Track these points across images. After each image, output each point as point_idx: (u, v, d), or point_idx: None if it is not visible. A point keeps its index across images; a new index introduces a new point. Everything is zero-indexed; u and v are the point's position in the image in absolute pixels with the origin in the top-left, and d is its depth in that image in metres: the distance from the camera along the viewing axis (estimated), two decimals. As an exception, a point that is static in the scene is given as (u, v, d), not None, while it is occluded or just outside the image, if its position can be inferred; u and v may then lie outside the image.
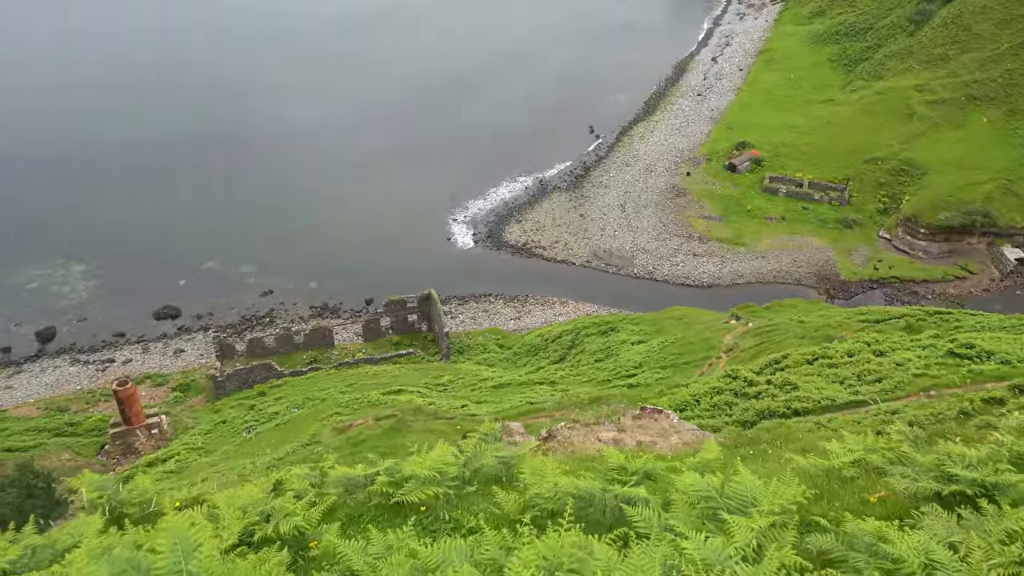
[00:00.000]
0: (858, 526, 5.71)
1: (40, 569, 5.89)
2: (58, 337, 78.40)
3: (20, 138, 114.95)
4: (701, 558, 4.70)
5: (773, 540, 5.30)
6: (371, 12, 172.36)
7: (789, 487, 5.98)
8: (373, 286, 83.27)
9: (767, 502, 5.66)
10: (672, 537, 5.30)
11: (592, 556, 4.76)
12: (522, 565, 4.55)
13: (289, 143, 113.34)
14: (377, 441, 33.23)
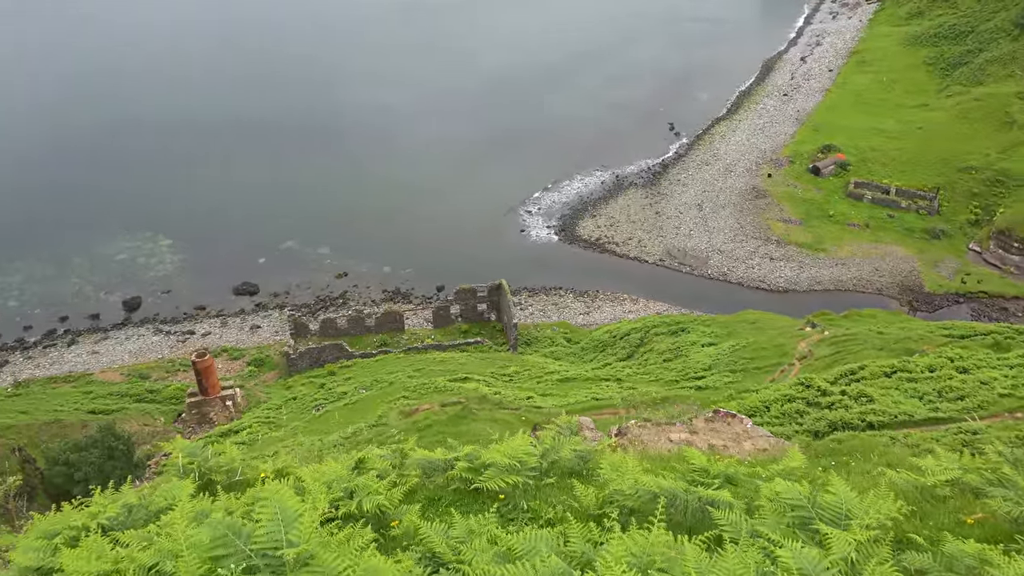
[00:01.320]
0: (958, 547, 5.47)
1: (136, 528, 6.12)
2: (143, 307, 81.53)
3: (124, 116, 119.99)
4: (797, 567, 4.57)
5: (868, 555, 5.12)
6: (445, 2, 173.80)
7: (885, 501, 5.77)
8: (445, 273, 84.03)
9: (863, 516, 5.48)
10: (763, 543, 5.18)
11: (683, 556, 4.68)
12: (613, 560, 4.50)
13: (370, 130, 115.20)
14: (442, 427, 33.56)
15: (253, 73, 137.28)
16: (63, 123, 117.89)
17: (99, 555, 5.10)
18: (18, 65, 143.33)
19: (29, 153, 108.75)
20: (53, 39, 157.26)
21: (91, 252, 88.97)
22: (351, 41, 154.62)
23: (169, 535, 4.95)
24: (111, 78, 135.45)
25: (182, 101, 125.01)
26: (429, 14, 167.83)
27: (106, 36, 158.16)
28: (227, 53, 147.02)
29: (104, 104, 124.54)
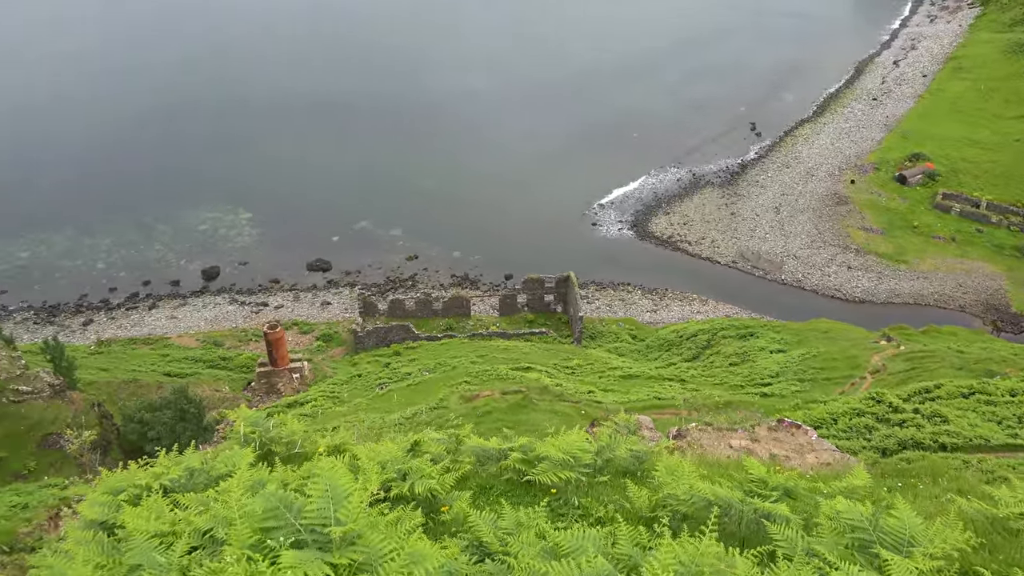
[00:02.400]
0: (1029, 585, 5.19)
1: (196, 491, 6.30)
2: (221, 276, 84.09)
3: (217, 94, 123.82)
4: (852, 592, 4.40)
5: (930, 585, 4.90)
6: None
7: (952, 530, 5.52)
8: (514, 262, 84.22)
9: (928, 544, 5.24)
10: (818, 564, 5.01)
11: (733, 569, 4.56)
12: (660, 567, 4.41)
13: (450, 116, 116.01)
14: (502, 414, 33.69)
15: (340, 57, 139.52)
16: (161, 99, 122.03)
17: (158, 515, 5.27)
18: (127, 45, 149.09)
19: (127, 125, 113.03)
20: (165, 22, 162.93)
21: (175, 221, 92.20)
22: (436, 25, 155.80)
23: (225, 502, 5.07)
24: (209, 60, 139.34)
25: (271, 82, 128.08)
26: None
27: (207, 21, 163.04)
28: (315, 37, 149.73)
29: (200, 84, 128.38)
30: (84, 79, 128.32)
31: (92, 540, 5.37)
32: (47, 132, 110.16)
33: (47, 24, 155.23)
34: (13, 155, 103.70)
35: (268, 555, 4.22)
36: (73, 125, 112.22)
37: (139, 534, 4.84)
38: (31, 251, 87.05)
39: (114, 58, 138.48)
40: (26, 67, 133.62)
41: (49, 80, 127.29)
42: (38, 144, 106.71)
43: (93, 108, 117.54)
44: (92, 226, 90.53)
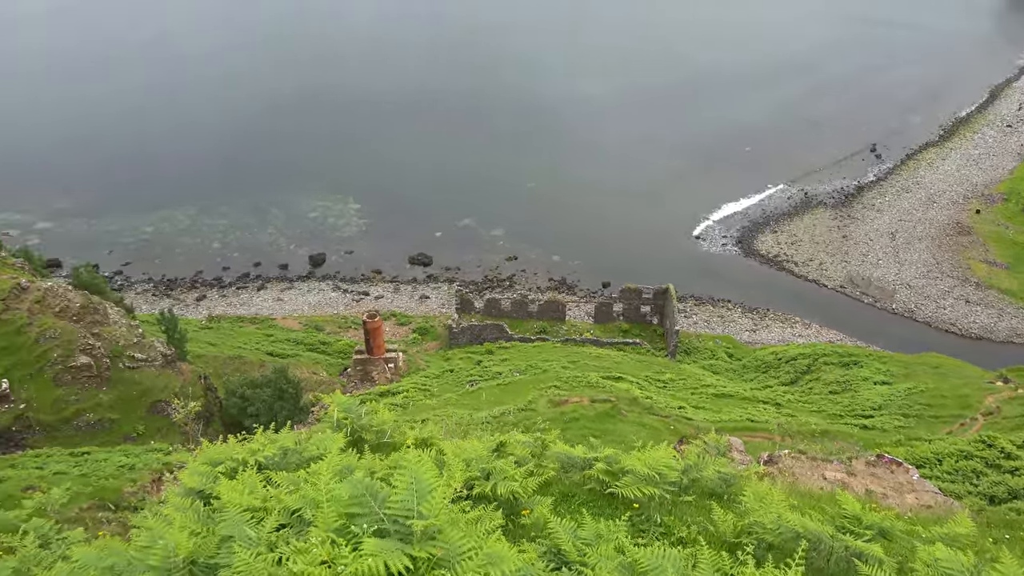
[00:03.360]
0: None
1: (288, 470, 6.52)
2: (327, 263, 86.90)
3: (333, 87, 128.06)
4: (946, 646, 4.16)
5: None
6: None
7: (1063, 593, 5.14)
8: (612, 270, 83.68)
9: (1034, 604, 4.91)
10: (911, 611, 4.75)
11: (818, 608, 4.38)
12: (740, 596, 4.29)
13: (559, 118, 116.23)
14: (589, 422, 33.46)
15: (458, 59, 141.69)
16: (284, 94, 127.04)
17: (251, 490, 5.48)
18: (257, 45, 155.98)
19: (252, 117, 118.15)
20: (292, 23, 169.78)
21: (288, 207, 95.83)
22: (552, 28, 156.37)
23: (314, 484, 5.23)
24: (331, 59, 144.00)
25: (390, 81, 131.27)
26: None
27: (329, 22, 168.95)
28: (436, 40, 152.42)
29: (321, 80, 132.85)
30: (216, 76, 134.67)
31: (189, 508, 5.64)
32: (181, 121, 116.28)
33: (183, 24, 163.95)
34: (148, 139, 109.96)
35: (351, 540, 4.33)
36: (203, 116, 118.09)
37: (233, 507, 5.05)
38: (155, 227, 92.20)
39: (243, 57, 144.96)
40: (168, 63, 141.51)
41: (187, 76, 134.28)
42: (171, 131, 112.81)
43: (222, 101, 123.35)
44: (212, 207, 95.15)
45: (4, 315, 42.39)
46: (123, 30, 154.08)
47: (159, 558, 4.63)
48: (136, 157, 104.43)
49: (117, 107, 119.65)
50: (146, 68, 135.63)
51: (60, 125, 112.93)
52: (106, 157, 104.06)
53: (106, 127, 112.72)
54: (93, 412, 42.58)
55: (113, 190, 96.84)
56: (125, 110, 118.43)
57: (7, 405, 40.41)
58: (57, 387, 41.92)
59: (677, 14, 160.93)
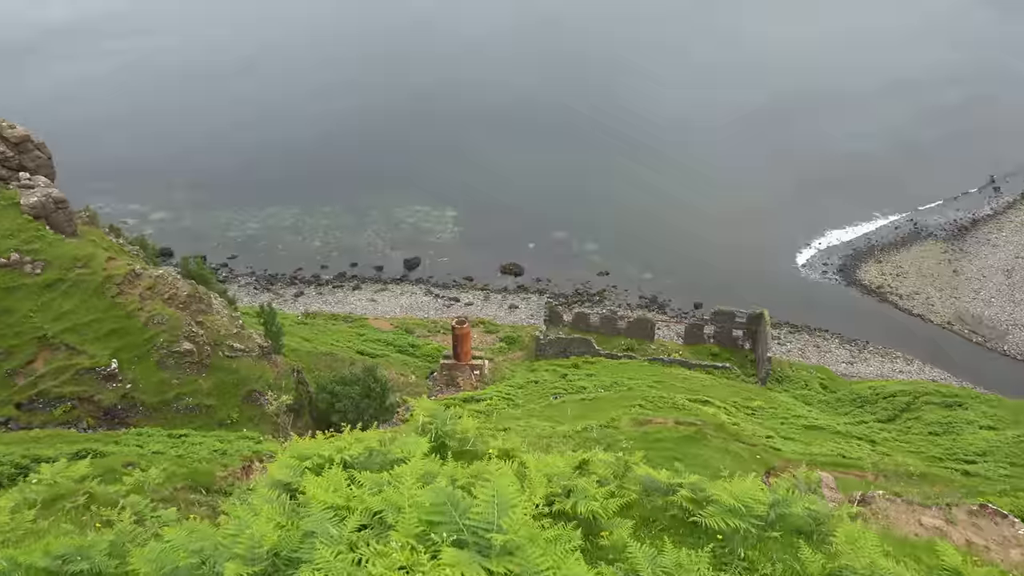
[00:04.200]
0: None
1: (372, 471, 6.61)
2: (420, 267, 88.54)
3: (439, 97, 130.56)
4: None
5: None
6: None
7: None
8: (705, 291, 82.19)
9: None
10: None
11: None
12: (828, 645, 4.08)
13: (661, 135, 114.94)
14: (672, 444, 32.84)
15: (561, 71, 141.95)
16: (390, 100, 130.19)
17: (336, 488, 5.58)
18: (365, 51, 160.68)
19: (359, 121, 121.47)
20: (399, 32, 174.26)
21: (387, 211, 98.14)
22: (658, 40, 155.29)
23: (397, 488, 5.28)
24: (435, 66, 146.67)
25: (493, 90, 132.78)
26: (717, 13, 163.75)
27: (435, 33, 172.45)
28: (539, 51, 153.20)
29: (426, 88, 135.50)
30: (328, 83, 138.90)
31: (276, 500, 5.79)
32: (292, 124, 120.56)
33: (303, 34, 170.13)
34: (261, 141, 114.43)
35: (430, 548, 4.35)
36: (314, 121, 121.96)
37: (317, 503, 5.15)
38: (262, 223, 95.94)
39: (354, 65, 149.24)
40: (285, 71, 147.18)
41: (302, 82, 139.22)
42: (283, 133, 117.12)
43: (332, 107, 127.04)
44: (315, 207, 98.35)
45: (118, 299, 44.78)
46: (245, 40, 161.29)
47: (245, 547, 4.75)
48: (248, 157, 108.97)
49: (234, 110, 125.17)
50: (264, 75, 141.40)
51: (182, 125, 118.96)
52: (221, 155, 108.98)
53: (223, 128, 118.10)
54: (192, 397, 44.46)
55: (225, 186, 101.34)
56: (241, 114, 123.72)
57: (115, 384, 42.63)
58: (161, 370, 43.96)
59: (789, 30, 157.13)
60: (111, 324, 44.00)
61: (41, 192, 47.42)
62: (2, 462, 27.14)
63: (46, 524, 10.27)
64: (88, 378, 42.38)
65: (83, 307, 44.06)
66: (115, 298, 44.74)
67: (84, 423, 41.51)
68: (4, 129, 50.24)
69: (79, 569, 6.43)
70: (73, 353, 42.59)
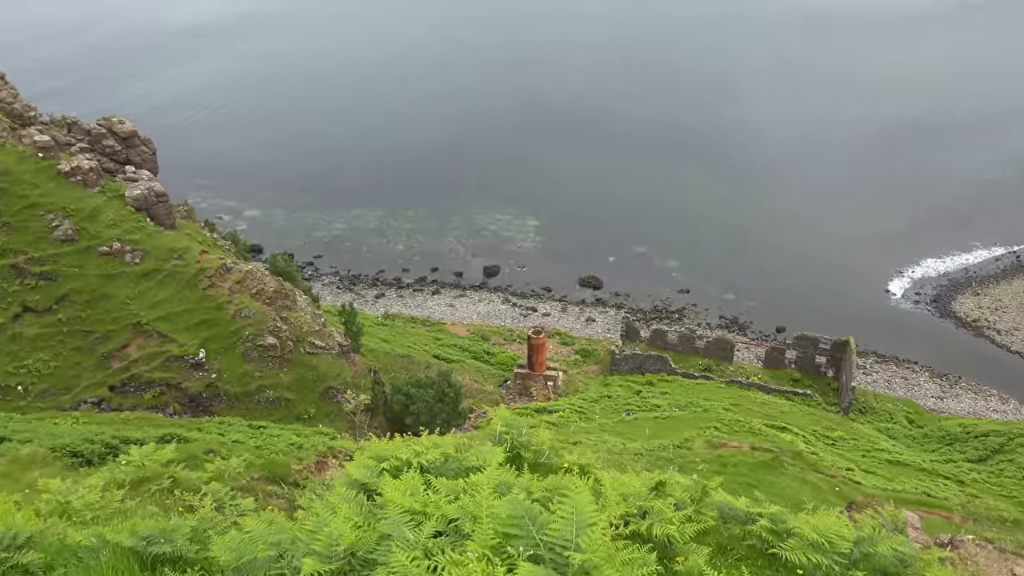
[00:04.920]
0: None
1: (447, 477, 6.63)
2: (500, 275, 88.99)
3: (527, 108, 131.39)
4: None
5: None
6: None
7: None
8: (789, 315, 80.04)
9: None
10: None
11: None
12: None
13: (751, 153, 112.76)
14: (747, 470, 32.08)
15: (655, 85, 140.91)
16: (480, 108, 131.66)
17: (413, 492, 5.60)
18: (459, 61, 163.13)
19: (448, 128, 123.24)
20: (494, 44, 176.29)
21: (470, 218, 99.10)
22: (745, 54, 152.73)
23: (473, 497, 5.27)
24: (528, 77, 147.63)
25: (582, 103, 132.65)
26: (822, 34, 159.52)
27: (530, 43, 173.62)
28: (634, 65, 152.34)
29: (514, 98, 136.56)
30: (423, 92, 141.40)
31: (353, 499, 5.85)
32: (384, 130, 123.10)
33: (409, 45, 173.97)
34: (352, 145, 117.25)
35: (506, 561, 4.31)
36: (405, 127, 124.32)
37: (394, 506, 5.18)
38: (348, 224, 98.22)
39: (449, 74, 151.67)
40: (385, 80, 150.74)
41: (398, 90, 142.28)
42: (374, 138, 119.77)
43: (425, 114, 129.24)
44: (400, 211, 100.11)
45: (209, 291, 46.46)
46: (351, 49, 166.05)
47: (323, 544, 4.82)
48: (339, 159, 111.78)
49: (328, 116, 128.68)
50: (363, 83, 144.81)
51: (277, 127, 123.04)
52: (313, 157, 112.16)
53: (316, 132, 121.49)
54: (273, 390, 45.74)
55: (315, 187, 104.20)
56: (334, 119, 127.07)
57: (201, 373, 44.21)
58: (245, 362, 45.37)
59: (904, 54, 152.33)
60: (201, 315, 45.68)
61: (144, 185, 49.64)
62: (94, 441, 28.44)
63: (132, 504, 10.67)
64: (177, 366, 44.08)
65: (176, 297, 45.88)
66: (206, 290, 46.44)
67: (171, 408, 43.17)
68: (114, 124, 52.86)
69: (162, 551, 6.63)
70: (165, 341, 44.37)
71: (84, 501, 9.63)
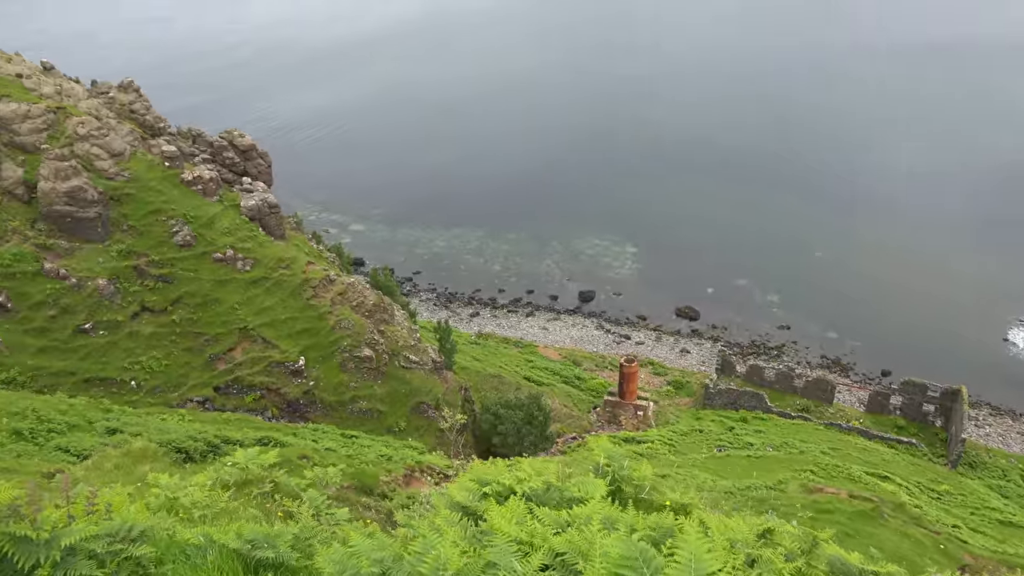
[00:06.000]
0: None
1: (549, 507, 6.54)
2: (594, 301, 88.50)
3: (634, 133, 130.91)
4: None
5: None
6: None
7: None
8: (896, 359, 76.47)
9: None
10: None
11: None
12: None
13: (864, 188, 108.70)
14: (843, 518, 30.80)
15: (767, 116, 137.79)
16: (587, 131, 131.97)
17: (518, 521, 5.54)
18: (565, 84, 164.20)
19: (552, 151, 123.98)
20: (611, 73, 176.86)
21: (568, 241, 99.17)
22: (863, 86, 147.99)
23: (581, 531, 5.17)
24: (637, 103, 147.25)
25: (689, 132, 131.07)
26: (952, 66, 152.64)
27: (644, 73, 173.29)
28: (751, 96, 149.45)
29: (622, 122, 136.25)
30: (531, 114, 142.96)
31: (458, 523, 5.83)
32: (485, 150, 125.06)
33: (521, 71, 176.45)
34: (458, 164, 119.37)
35: (619, 604, 4.19)
36: (510, 148, 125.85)
37: (501, 534, 5.13)
38: (447, 243, 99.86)
39: (558, 96, 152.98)
40: (500, 102, 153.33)
41: (510, 112, 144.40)
42: (476, 159, 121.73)
43: (530, 135, 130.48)
44: (500, 232, 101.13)
45: (312, 300, 47.95)
46: (474, 73, 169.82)
47: (430, 568, 4.80)
48: (445, 182, 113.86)
49: (438, 141, 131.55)
50: (474, 110, 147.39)
51: (389, 149, 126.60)
52: (420, 179, 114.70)
53: (425, 156, 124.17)
54: (366, 401, 46.70)
55: (419, 206, 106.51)
56: (444, 144, 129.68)
57: (300, 379, 45.55)
58: (342, 372, 46.52)
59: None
60: (303, 323, 47.17)
61: (259, 196, 51.81)
62: (197, 439, 29.66)
63: (235, 506, 10.98)
64: (278, 371, 45.58)
65: (281, 305, 47.55)
66: (309, 300, 47.94)
67: (269, 412, 44.63)
68: (235, 138, 55.49)
69: (265, 556, 6.76)
70: (268, 346, 45.98)
71: (191, 499, 9.95)
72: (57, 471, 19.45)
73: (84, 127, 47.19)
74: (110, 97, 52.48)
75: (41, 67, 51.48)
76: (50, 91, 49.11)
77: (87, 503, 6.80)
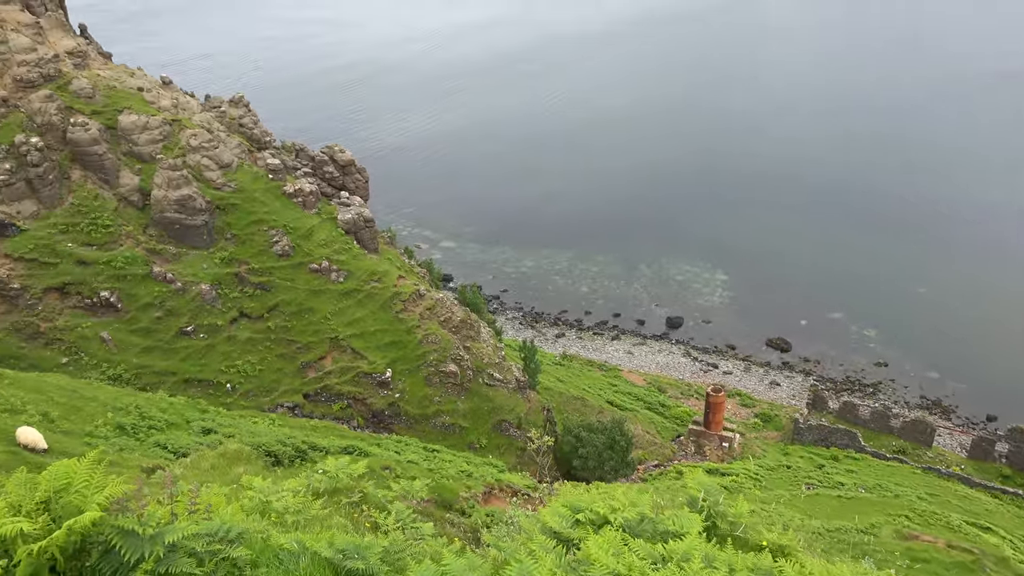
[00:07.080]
0: None
1: (644, 539, 6.37)
2: (683, 328, 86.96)
3: (732, 161, 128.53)
4: None
5: None
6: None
7: None
8: (1002, 403, 72.37)
9: None
10: None
11: None
12: None
13: (974, 225, 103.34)
14: (941, 569, 29.32)
15: (873, 150, 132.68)
16: (685, 159, 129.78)
17: (616, 552, 5.42)
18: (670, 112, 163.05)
19: (648, 176, 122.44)
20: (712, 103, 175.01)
21: (657, 266, 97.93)
22: (972, 120, 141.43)
23: (681, 568, 5.02)
24: (735, 133, 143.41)
25: (788, 158, 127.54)
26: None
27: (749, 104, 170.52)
28: (858, 130, 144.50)
29: (720, 151, 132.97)
30: (626, 141, 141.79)
31: (553, 550, 5.75)
32: (584, 176, 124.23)
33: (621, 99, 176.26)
34: (552, 190, 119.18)
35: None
36: (606, 171, 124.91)
37: (599, 565, 5.03)
38: (536, 263, 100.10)
39: (661, 122, 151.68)
40: (586, 131, 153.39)
41: (598, 138, 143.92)
42: (576, 182, 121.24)
43: (626, 162, 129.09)
44: (589, 255, 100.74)
45: (401, 314, 48.78)
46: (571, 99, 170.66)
47: (526, 594, 4.74)
48: (538, 202, 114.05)
49: (533, 164, 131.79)
50: (571, 137, 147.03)
51: (485, 171, 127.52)
52: (513, 200, 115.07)
53: (520, 179, 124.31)
54: (449, 415, 47.11)
55: (510, 226, 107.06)
56: (538, 169, 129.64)
57: (386, 391, 46.31)
58: (427, 386, 47.09)
59: None
60: (391, 336, 48.02)
61: (355, 210, 53.16)
62: (286, 444, 30.47)
63: (325, 513, 11.17)
64: (365, 382, 46.48)
65: (371, 317, 48.55)
66: (399, 313, 48.78)
67: (355, 421, 45.50)
68: (336, 153, 57.20)
69: (355, 567, 6.81)
70: (357, 357, 46.96)
71: (284, 503, 10.16)
72: (157, 467, 20.26)
73: (196, 139, 49.50)
74: (221, 111, 54.91)
75: (160, 81, 54.35)
76: (167, 104, 51.76)
77: (189, 502, 6.99)
